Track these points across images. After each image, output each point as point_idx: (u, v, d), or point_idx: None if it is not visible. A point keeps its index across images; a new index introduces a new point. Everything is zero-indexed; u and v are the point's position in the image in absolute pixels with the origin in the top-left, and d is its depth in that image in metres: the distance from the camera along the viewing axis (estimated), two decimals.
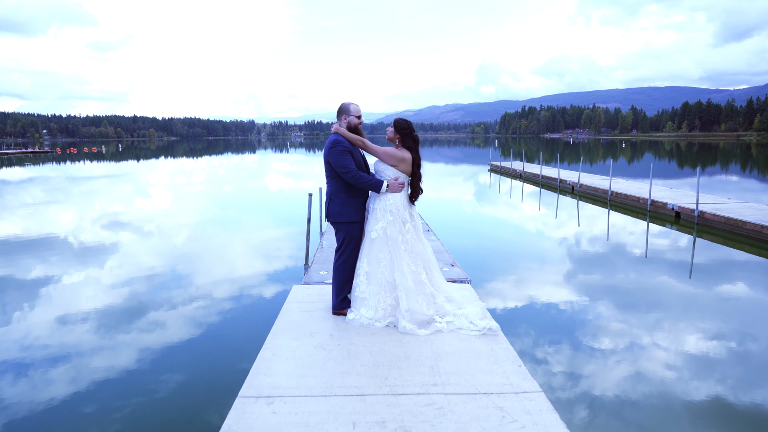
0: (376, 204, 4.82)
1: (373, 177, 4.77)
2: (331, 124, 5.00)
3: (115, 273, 9.36)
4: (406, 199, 4.87)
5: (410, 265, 4.71)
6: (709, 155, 56.11)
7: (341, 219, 4.86)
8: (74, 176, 34.63)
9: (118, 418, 4.42)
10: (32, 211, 17.42)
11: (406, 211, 4.82)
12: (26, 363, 5.55)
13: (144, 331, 6.51)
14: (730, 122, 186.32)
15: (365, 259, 4.79)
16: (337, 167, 4.70)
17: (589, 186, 19.89)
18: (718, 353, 5.80)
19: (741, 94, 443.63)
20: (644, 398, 4.77)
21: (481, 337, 4.55)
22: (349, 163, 4.67)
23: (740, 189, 22.67)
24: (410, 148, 4.81)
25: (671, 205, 14.68)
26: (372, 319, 4.71)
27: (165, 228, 14.11)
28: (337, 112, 4.99)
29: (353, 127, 4.87)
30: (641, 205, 16.28)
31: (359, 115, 4.92)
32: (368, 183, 4.72)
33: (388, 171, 4.79)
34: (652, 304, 7.52)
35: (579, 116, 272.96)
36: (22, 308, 7.39)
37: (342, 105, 4.96)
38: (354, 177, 4.67)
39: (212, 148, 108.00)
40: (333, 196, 4.88)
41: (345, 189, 4.83)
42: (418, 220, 4.97)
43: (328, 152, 4.74)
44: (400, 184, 4.77)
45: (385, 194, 4.77)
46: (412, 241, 4.79)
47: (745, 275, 9.25)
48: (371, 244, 4.77)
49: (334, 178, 4.84)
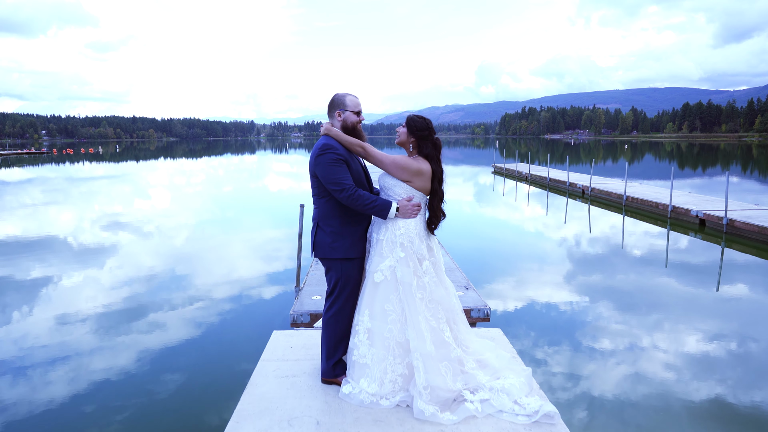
0: (381, 234, 3.48)
1: (377, 197, 3.42)
2: (321, 125, 3.64)
3: (114, 274, 9.32)
4: (423, 226, 3.50)
5: (429, 319, 3.37)
6: (713, 157, 55.58)
7: (333, 254, 3.47)
8: (72, 177, 34.36)
9: (117, 420, 4.44)
10: (30, 212, 17.36)
11: (424, 243, 3.47)
12: (26, 364, 5.56)
13: (143, 332, 6.50)
14: (731, 123, 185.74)
15: (366, 310, 3.44)
16: (327, 183, 3.35)
17: (601, 190, 19.04)
18: (756, 381, 5.30)
19: (741, 95, 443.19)
20: (644, 399, 4.71)
21: (532, 427, 3.17)
22: (345, 177, 3.34)
23: (758, 192, 21.89)
24: (429, 156, 3.47)
25: (695, 211, 13.81)
26: (376, 395, 3.39)
27: (164, 229, 14.07)
28: (328, 107, 3.57)
29: (350, 127, 3.51)
30: (660, 212, 15.41)
31: (359, 110, 3.54)
32: (371, 205, 3.36)
33: (399, 188, 3.46)
34: (677, 319, 7.01)
35: (579, 117, 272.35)
36: (21, 309, 7.39)
37: (335, 97, 3.55)
38: (351, 197, 3.31)
39: (212, 148, 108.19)
40: (322, 222, 3.51)
41: (338, 213, 3.46)
42: (439, 255, 3.59)
43: (315, 161, 3.38)
44: (416, 207, 3.44)
45: (394, 221, 3.43)
46: (432, 285, 3.43)
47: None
48: (375, 290, 3.43)
49: (323, 197, 3.47)
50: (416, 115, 3.55)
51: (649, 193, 17.44)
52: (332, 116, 3.57)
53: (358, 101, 3.59)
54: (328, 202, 3.47)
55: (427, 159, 3.49)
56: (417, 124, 3.49)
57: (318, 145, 3.44)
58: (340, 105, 3.54)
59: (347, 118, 3.51)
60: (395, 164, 3.44)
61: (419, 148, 3.51)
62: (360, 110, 3.58)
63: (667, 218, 14.67)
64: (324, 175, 3.36)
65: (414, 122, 3.50)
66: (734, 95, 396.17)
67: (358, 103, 3.57)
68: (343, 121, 3.52)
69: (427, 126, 3.50)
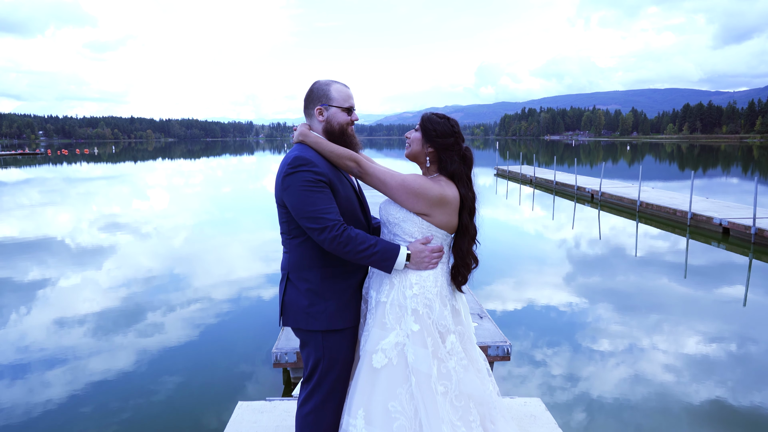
0: (384, 294, 2.33)
1: (378, 239, 2.28)
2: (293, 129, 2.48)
3: (112, 275, 9.28)
4: (446, 281, 2.38)
5: (457, 425, 2.22)
6: (714, 158, 54.91)
7: (311, 325, 2.32)
8: (69, 178, 33.97)
9: (115, 421, 4.41)
10: (26, 213, 17.29)
11: (447, 307, 2.34)
12: (24, 365, 5.54)
13: (141, 333, 6.46)
14: (732, 124, 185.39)
15: (360, 410, 2.24)
16: (301, 217, 2.22)
17: (612, 195, 17.93)
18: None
19: (741, 96, 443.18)
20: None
21: None
22: (327, 209, 2.21)
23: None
24: (456, 175, 2.34)
25: (718, 219, 12.73)
26: None
27: (162, 230, 13.99)
28: (304, 101, 2.46)
29: (338, 131, 2.39)
30: (679, 219, 14.35)
31: (350, 105, 2.42)
32: (368, 252, 2.22)
33: (411, 225, 2.31)
34: (707, 337, 6.44)
35: (579, 118, 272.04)
36: (19, 311, 7.36)
37: (315, 86, 2.43)
38: (338, 239, 2.18)
39: (210, 149, 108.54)
40: (294, 274, 2.35)
41: (319, 262, 2.33)
42: (468, 321, 2.47)
43: (283, 184, 2.26)
44: (436, 253, 2.32)
45: (404, 274, 2.30)
46: (460, 371, 2.31)
47: None
48: (374, 378, 2.26)
49: (296, 237, 2.33)
50: (436, 113, 2.40)
51: (664, 199, 16.30)
52: (310, 114, 2.43)
53: (349, 92, 2.45)
54: (303, 245, 2.32)
55: (453, 180, 2.35)
56: (437, 128, 2.33)
57: (287, 160, 2.25)
58: (322, 98, 2.39)
59: (333, 117, 2.38)
60: (405, 188, 2.27)
61: (440, 163, 2.36)
62: (352, 105, 2.44)
63: (686, 226, 13.69)
64: (296, 205, 2.20)
65: (432, 124, 2.34)
66: (734, 96, 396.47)
67: (348, 95, 2.43)
68: (327, 121, 2.38)
69: (451, 130, 2.33)
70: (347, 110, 2.39)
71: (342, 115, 2.38)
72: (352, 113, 2.42)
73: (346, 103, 2.40)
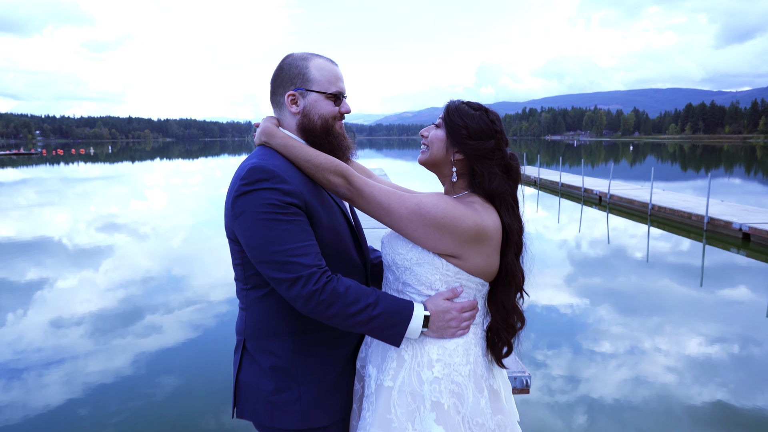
0: (389, 375, 1.58)
1: (379, 294, 1.52)
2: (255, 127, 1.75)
3: (109, 276, 9.29)
4: (480, 350, 1.63)
5: None
6: (720, 159, 54.66)
7: (276, 421, 1.59)
8: (66, 178, 34.12)
9: (113, 422, 4.43)
10: (23, 214, 17.35)
11: (485, 393, 1.58)
12: (21, 367, 5.55)
13: (139, 334, 6.47)
14: (735, 124, 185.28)
15: None
16: (260, 261, 1.47)
17: (622, 197, 17.08)
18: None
19: (743, 95, 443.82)
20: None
21: None
22: (299, 249, 1.44)
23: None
24: (496, 194, 1.58)
25: (737, 224, 11.94)
26: None
27: (160, 231, 13.95)
28: (271, 84, 1.67)
29: (319, 129, 1.63)
30: (694, 223, 13.55)
31: (339, 90, 1.65)
32: (365, 315, 1.46)
33: (429, 269, 1.55)
34: (726, 351, 6.03)
35: (580, 118, 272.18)
36: (16, 312, 7.38)
37: (286, 62, 1.64)
38: (318, 298, 1.42)
39: (208, 149, 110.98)
40: (253, 342, 1.63)
41: (289, 325, 1.58)
42: (511, 409, 1.69)
43: (233, 208, 1.49)
44: (467, 313, 1.57)
45: (419, 346, 1.56)
46: None
47: None
48: None
49: (256, 287, 1.60)
50: (468, 102, 1.63)
51: (677, 201, 15.59)
52: (279, 103, 1.66)
53: (337, 71, 1.68)
54: (267, 299, 1.58)
55: (492, 202, 1.59)
56: (470, 123, 1.57)
57: (240, 172, 1.52)
58: (296, 79, 1.62)
59: (312, 107, 1.62)
60: (423, 216, 1.51)
61: (473, 177, 1.60)
62: (341, 90, 1.66)
63: (703, 231, 13.09)
64: (252, 243, 1.47)
65: (463, 117, 1.58)
66: (737, 96, 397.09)
67: (336, 75, 1.66)
68: (304, 113, 1.63)
69: (491, 128, 1.57)
70: (334, 97, 1.64)
71: (326, 104, 1.63)
72: (341, 102, 1.66)
73: (332, 86, 1.63)
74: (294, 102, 1.61)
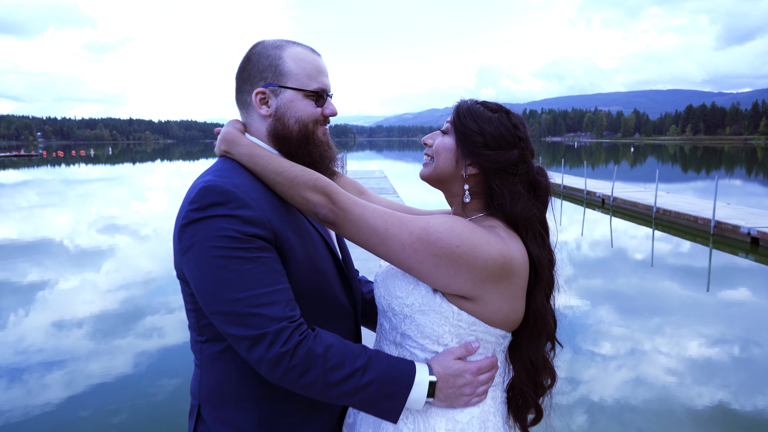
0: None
1: (371, 353, 1.19)
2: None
3: (111, 277, 9.30)
4: (501, 419, 1.29)
5: None
6: (720, 160, 54.45)
7: None
8: (68, 180, 34.14)
9: (113, 423, 4.42)
10: (26, 215, 17.44)
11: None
12: (22, 368, 5.55)
13: (140, 335, 6.46)
14: (735, 126, 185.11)
15: None
16: (214, 312, 1.14)
17: (625, 200, 16.83)
18: None
19: (744, 97, 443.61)
20: None
21: None
22: (264, 296, 1.11)
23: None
24: (521, 219, 1.24)
25: (746, 228, 11.69)
26: None
27: (161, 232, 14.00)
28: (236, 79, 1.35)
29: (296, 135, 1.30)
30: (700, 227, 13.31)
31: (321, 86, 1.31)
32: (351, 384, 1.14)
33: (435, 317, 1.21)
34: (739, 360, 5.66)
35: (581, 119, 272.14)
36: (17, 313, 7.39)
37: (255, 52, 1.31)
38: (289, 362, 1.10)
39: (209, 151, 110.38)
40: (210, 408, 1.27)
41: (255, 388, 1.24)
42: None
43: (180, 239, 1.17)
44: (484, 374, 1.23)
45: (424, 415, 1.22)
46: None
47: None
48: None
49: (212, 340, 1.25)
50: (485, 102, 1.32)
51: (682, 204, 15.34)
52: (246, 103, 1.34)
53: (319, 62, 1.35)
54: (225, 356, 1.25)
55: (515, 227, 1.26)
56: (487, 129, 1.26)
57: (191, 192, 1.19)
58: (266, 72, 1.30)
59: (288, 108, 1.30)
60: (430, 243, 1.16)
61: (491, 197, 1.28)
62: (324, 87, 1.33)
63: (709, 235, 12.70)
64: (203, 288, 1.14)
65: (479, 121, 1.27)
66: (737, 97, 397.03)
67: (317, 68, 1.33)
68: (278, 117, 1.30)
69: (514, 135, 1.26)
70: (315, 96, 1.30)
71: (305, 104, 1.30)
72: (324, 102, 1.33)
73: (312, 81, 1.30)
74: (264, 102, 1.29)
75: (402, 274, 1.24)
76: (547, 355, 1.33)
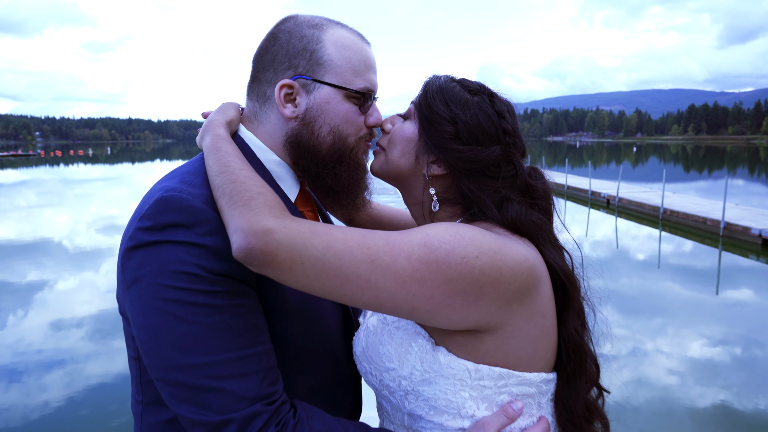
0: None
1: (363, 427, 0.88)
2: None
3: (110, 277, 9.20)
4: None
5: None
6: (724, 160, 54.19)
7: None
8: (66, 179, 34.36)
9: (113, 424, 4.44)
10: (24, 215, 17.35)
11: None
12: (21, 368, 5.54)
13: None
14: (738, 125, 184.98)
15: None
16: (160, 378, 0.81)
17: (631, 200, 16.44)
18: None
19: (747, 96, 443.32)
20: None
21: None
22: (232, 365, 0.78)
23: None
24: (522, 223, 0.93)
25: (756, 230, 11.29)
26: None
27: None
28: (254, 61, 0.99)
29: (326, 149, 0.96)
30: (708, 228, 12.91)
31: (370, 88, 0.98)
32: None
33: (445, 384, 0.86)
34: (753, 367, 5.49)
35: (582, 119, 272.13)
36: (16, 313, 7.40)
37: (283, 31, 0.95)
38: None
39: None
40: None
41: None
42: None
43: (124, 269, 0.82)
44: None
45: None
46: None
47: None
48: None
49: (155, 403, 0.90)
50: (462, 80, 1.00)
51: (690, 205, 14.90)
52: (263, 96, 0.96)
53: (370, 54, 0.98)
54: (172, 427, 0.86)
55: (525, 232, 0.93)
56: (462, 117, 0.93)
57: (143, 206, 0.84)
58: (299, 58, 0.92)
59: (322, 111, 0.93)
60: (438, 263, 0.78)
61: (467, 204, 0.95)
62: (372, 88, 0.97)
63: (719, 236, 12.32)
64: (149, 344, 0.80)
65: (450, 105, 0.93)
66: (740, 97, 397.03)
67: (367, 61, 0.97)
68: (306, 120, 0.94)
69: (497, 125, 0.95)
70: (359, 99, 0.97)
71: (345, 109, 0.96)
72: (370, 108, 1.00)
73: (358, 78, 0.96)
74: (290, 99, 0.93)
75: (387, 336, 0.89)
76: (592, 399, 1.00)
